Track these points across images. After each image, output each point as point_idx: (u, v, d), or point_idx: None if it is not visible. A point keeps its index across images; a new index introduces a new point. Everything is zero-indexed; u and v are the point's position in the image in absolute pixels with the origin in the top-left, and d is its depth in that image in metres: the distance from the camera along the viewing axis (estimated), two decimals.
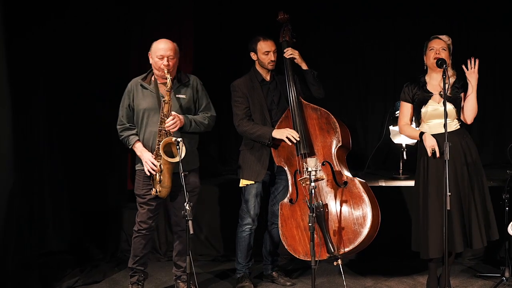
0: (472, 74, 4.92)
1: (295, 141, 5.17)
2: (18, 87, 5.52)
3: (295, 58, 5.37)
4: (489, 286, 5.38)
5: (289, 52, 5.37)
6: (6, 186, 5.32)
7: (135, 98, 5.15)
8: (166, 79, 4.97)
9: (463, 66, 4.94)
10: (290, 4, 6.68)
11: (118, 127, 5.23)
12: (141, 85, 5.15)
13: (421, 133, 4.99)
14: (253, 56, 5.43)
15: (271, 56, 5.35)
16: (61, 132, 6.21)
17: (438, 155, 4.87)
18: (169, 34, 6.63)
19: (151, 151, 5.09)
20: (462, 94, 5.02)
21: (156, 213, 5.25)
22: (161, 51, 5.00)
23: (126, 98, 5.19)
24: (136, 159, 5.22)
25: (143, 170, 5.11)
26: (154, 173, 5.03)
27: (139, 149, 5.12)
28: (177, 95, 5.12)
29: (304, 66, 5.39)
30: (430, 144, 4.91)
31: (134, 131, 5.18)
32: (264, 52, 5.35)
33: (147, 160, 5.04)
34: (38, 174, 6.02)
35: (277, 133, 5.24)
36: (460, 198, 4.90)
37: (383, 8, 7.71)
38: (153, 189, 5.07)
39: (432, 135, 4.94)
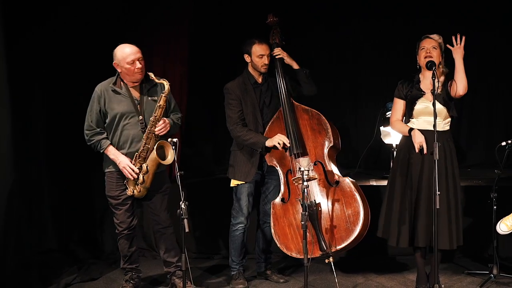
0: (457, 50, 4.92)
1: (285, 147, 5.22)
2: (18, 87, 5.58)
3: (283, 59, 5.41)
4: (477, 283, 5.44)
5: (277, 52, 5.40)
6: (6, 186, 5.38)
7: (107, 103, 5.07)
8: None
9: (448, 46, 4.95)
10: (289, 4, 6.75)
11: (87, 132, 5.12)
12: (113, 90, 5.09)
13: (410, 129, 5.05)
14: (246, 58, 5.44)
15: (265, 60, 5.37)
16: (61, 132, 6.23)
17: (425, 151, 4.95)
18: (169, 34, 6.73)
19: (127, 154, 5.08)
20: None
21: (133, 210, 5.27)
22: (131, 55, 4.96)
23: (95, 103, 5.09)
24: (105, 161, 5.19)
25: (114, 172, 5.13)
26: (134, 177, 5.04)
27: (113, 152, 5.08)
28: (149, 98, 5.10)
29: (295, 66, 5.42)
30: (419, 140, 4.97)
31: (105, 135, 5.12)
32: (258, 55, 5.37)
33: (125, 165, 5.03)
34: (38, 174, 6.07)
35: (269, 142, 5.27)
36: (429, 197, 4.94)
37: (383, 8, 7.70)
38: (129, 188, 5.08)
39: (420, 130, 5.01)
